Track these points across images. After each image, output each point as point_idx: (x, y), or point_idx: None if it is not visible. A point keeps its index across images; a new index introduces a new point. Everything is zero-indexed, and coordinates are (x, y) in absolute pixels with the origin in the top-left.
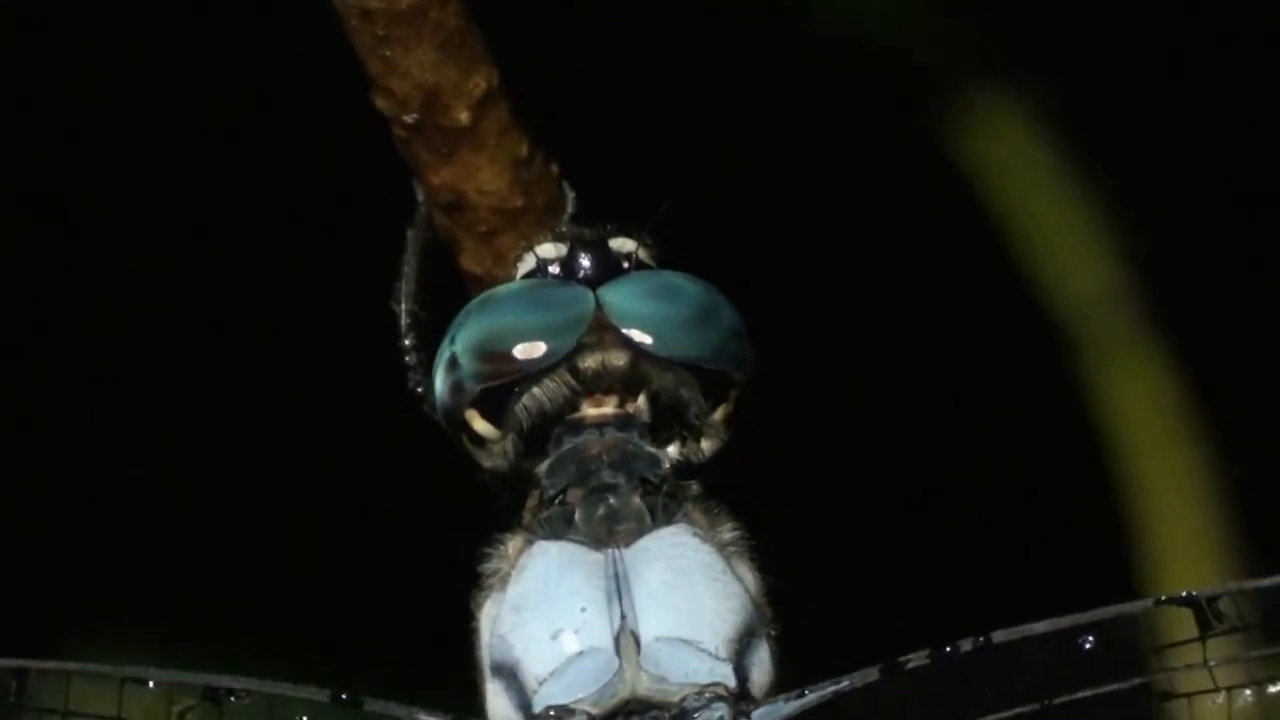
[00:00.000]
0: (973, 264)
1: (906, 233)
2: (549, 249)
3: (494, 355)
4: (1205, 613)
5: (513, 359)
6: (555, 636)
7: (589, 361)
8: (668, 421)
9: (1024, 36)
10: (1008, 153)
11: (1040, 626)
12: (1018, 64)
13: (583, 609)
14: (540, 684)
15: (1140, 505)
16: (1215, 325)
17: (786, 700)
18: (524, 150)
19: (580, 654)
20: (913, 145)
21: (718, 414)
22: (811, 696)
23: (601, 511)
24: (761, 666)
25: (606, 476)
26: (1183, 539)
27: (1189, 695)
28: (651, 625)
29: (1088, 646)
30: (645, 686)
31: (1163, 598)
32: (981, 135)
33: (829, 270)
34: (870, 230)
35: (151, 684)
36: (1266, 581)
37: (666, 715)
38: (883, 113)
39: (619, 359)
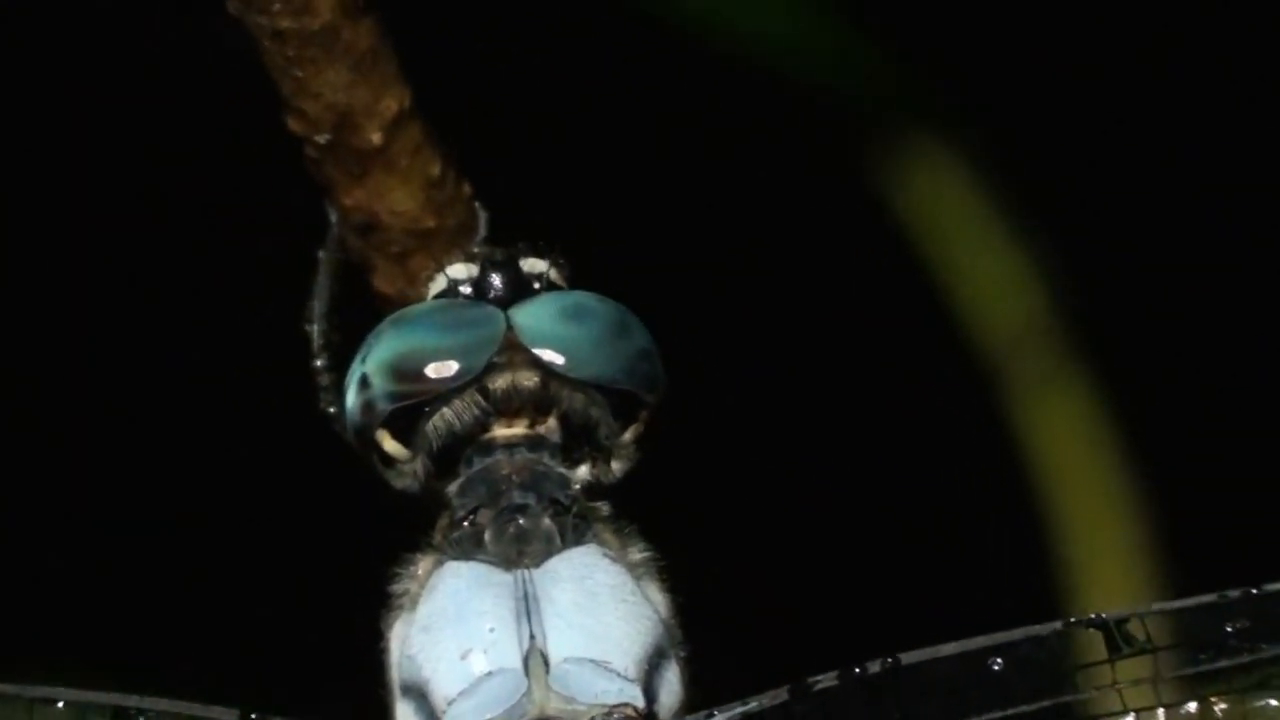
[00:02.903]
0: (899, 296)
1: (833, 268)
2: (460, 269)
3: (405, 375)
4: (1114, 635)
5: (424, 379)
6: (464, 656)
7: (500, 382)
8: (578, 442)
9: (949, 78)
10: (934, 190)
11: (949, 648)
12: (944, 105)
13: (492, 629)
14: (449, 704)
15: (1064, 533)
16: (1139, 359)
17: None
18: (436, 171)
19: (489, 674)
20: (840, 182)
21: (628, 435)
22: (720, 718)
23: (511, 532)
24: (670, 687)
25: (516, 497)
26: (1106, 566)
27: (1098, 717)
28: (560, 646)
29: (996, 668)
30: (554, 707)
31: (1072, 620)
32: (909, 173)
33: (749, 298)
34: (795, 264)
35: (60, 704)
36: (1175, 604)
37: None
38: (811, 150)
39: (530, 379)
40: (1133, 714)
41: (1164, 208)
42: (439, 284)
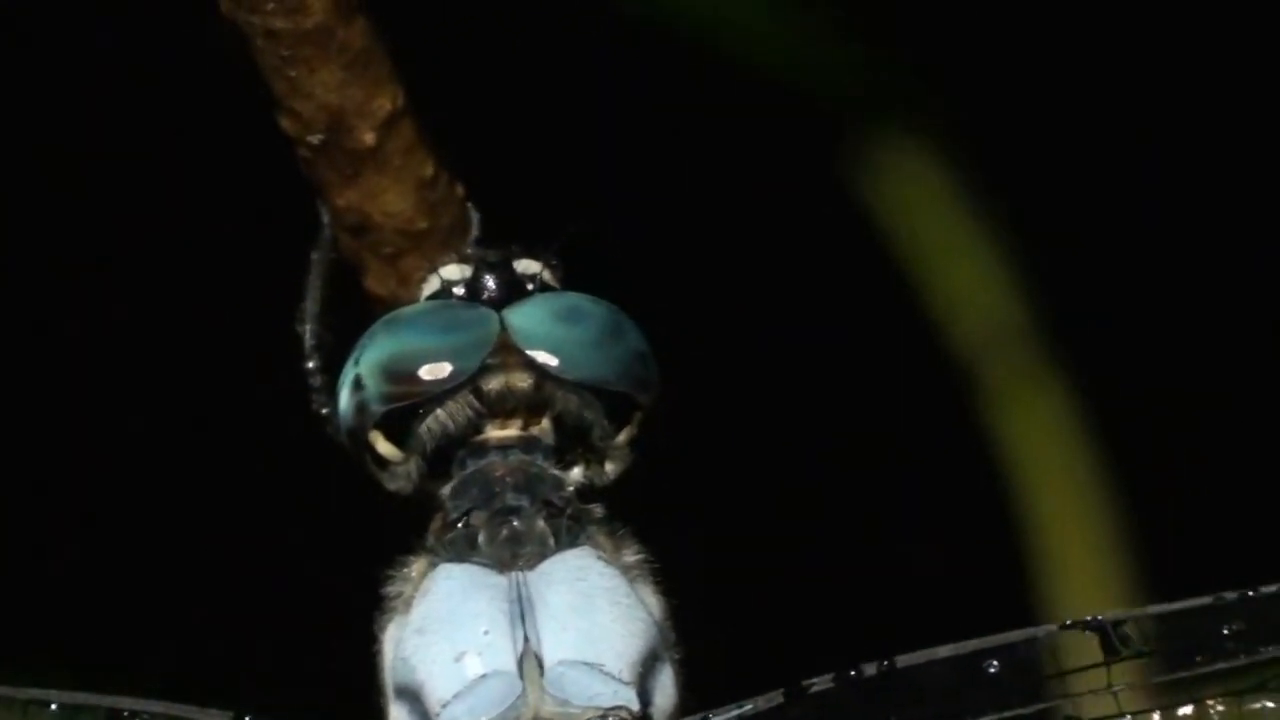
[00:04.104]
0: (873, 299)
1: (808, 267)
2: (453, 270)
3: (398, 376)
4: (1110, 637)
5: (417, 380)
6: (458, 659)
7: (493, 383)
8: (572, 444)
9: (925, 75)
10: (909, 192)
11: (945, 650)
12: (918, 106)
13: (486, 632)
14: (443, 707)
15: (1039, 536)
16: (1113, 362)
17: None
18: (429, 171)
19: (483, 677)
20: (814, 181)
21: (622, 436)
22: None
23: (505, 534)
24: (665, 690)
25: (510, 499)
26: (1081, 568)
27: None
28: (555, 648)
29: (992, 670)
30: (548, 710)
31: (1068, 622)
32: (882, 172)
33: (732, 299)
34: (772, 263)
35: (53, 706)
36: (1170, 607)
37: None
38: (785, 147)
39: (523, 381)
40: (1128, 717)
41: (1138, 210)
42: (432, 285)
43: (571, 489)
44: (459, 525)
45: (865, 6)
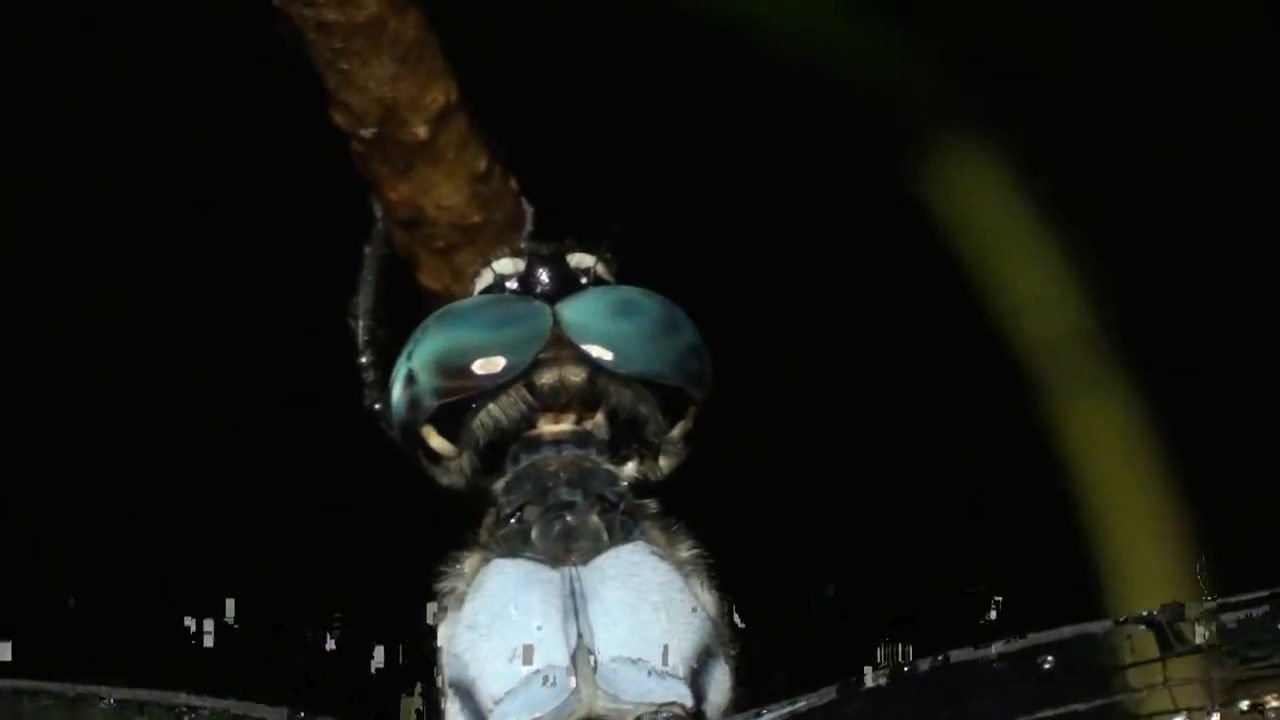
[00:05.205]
0: (939, 302)
1: (874, 269)
2: (507, 264)
3: (452, 371)
4: (1166, 634)
5: (470, 374)
6: (511, 655)
7: (546, 378)
8: (626, 438)
9: (995, 80)
10: (974, 193)
11: (999, 646)
12: (985, 106)
13: (539, 627)
14: (496, 703)
15: (1103, 535)
16: (1180, 363)
17: None
18: (482, 165)
19: (536, 673)
20: (881, 184)
21: (676, 431)
22: (768, 716)
23: (558, 529)
24: (718, 686)
25: (564, 494)
26: (1145, 569)
27: (1149, 716)
28: (608, 644)
29: (1047, 666)
30: (601, 706)
31: (1123, 618)
32: (949, 175)
33: (795, 296)
34: (837, 264)
35: (106, 702)
36: (1227, 603)
37: None
38: (852, 149)
39: (577, 375)
40: (1184, 713)
41: (1205, 211)
42: (485, 279)
43: (625, 484)
44: (512, 520)
45: (934, 7)
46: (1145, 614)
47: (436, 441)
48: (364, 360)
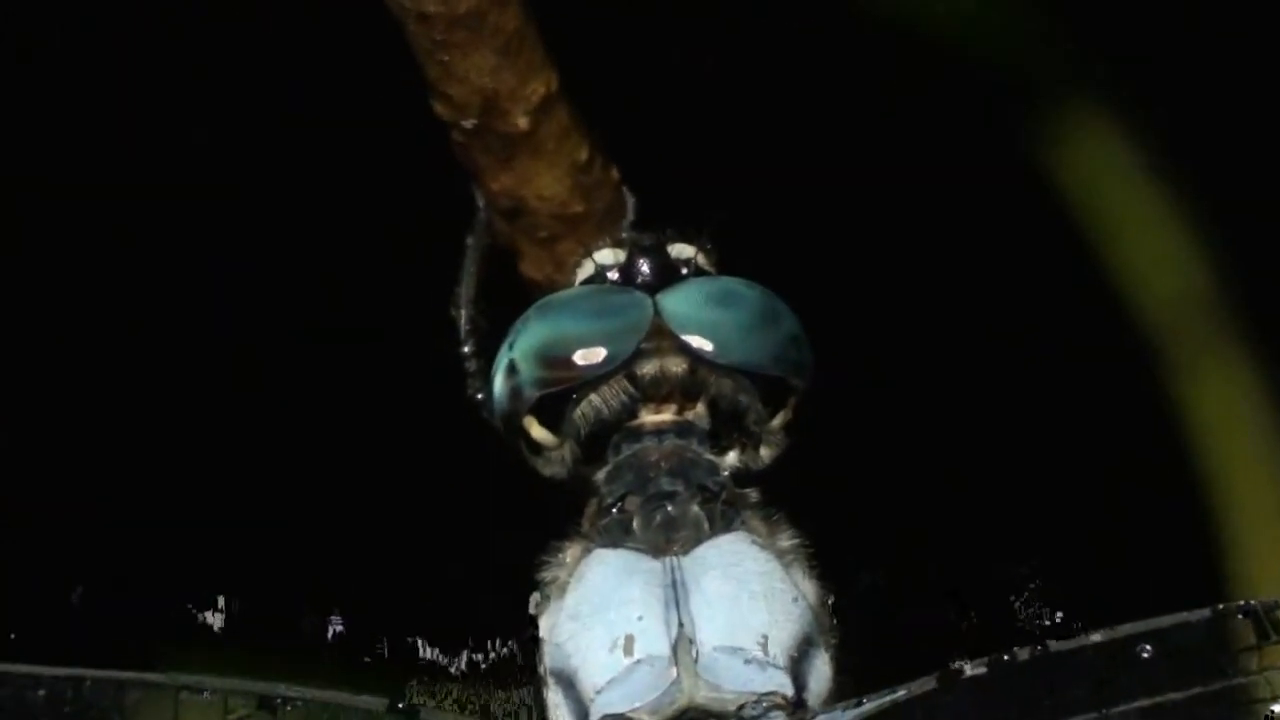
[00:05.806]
0: (1060, 271)
1: (994, 241)
2: (608, 255)
3: (553, 361)
4: (1263, 622)
5: (572, 365)
6: (612, 645)
7: (647, 368)
8: (726, 428)
9: (1114, 43)
10: (1094, 162)
11: (1098, 635)
12: (1107, 78)
13: (640, 617)
14: (598, 693)
15: (1225, 507)
16: None
17: (844, 709)
18: (583, 155)
19: (638, 663)
20: (1001, 154)
21: (776, 421)
22: (869, 705)
23: (659, 519)
24: (819, 675)
25: (665, 484)
26: (1271, 539)
27: (1246, 704)
28: (709, 634)
29: (1145, 655)
30: (703, 695)
31: (1221, 607)
32: (1069, 145)
33: (905, 276)
34: (954, 236)
35: (206, 693)
36: None
37: None
38: (972, 121)
39: (678, 365)
40: None
41: None
42: (586, 270)
43: (726, 473)
44: (613, 510)
45: None
46: (1242, 603)
47: (538, 432)
48: (466, 350)
